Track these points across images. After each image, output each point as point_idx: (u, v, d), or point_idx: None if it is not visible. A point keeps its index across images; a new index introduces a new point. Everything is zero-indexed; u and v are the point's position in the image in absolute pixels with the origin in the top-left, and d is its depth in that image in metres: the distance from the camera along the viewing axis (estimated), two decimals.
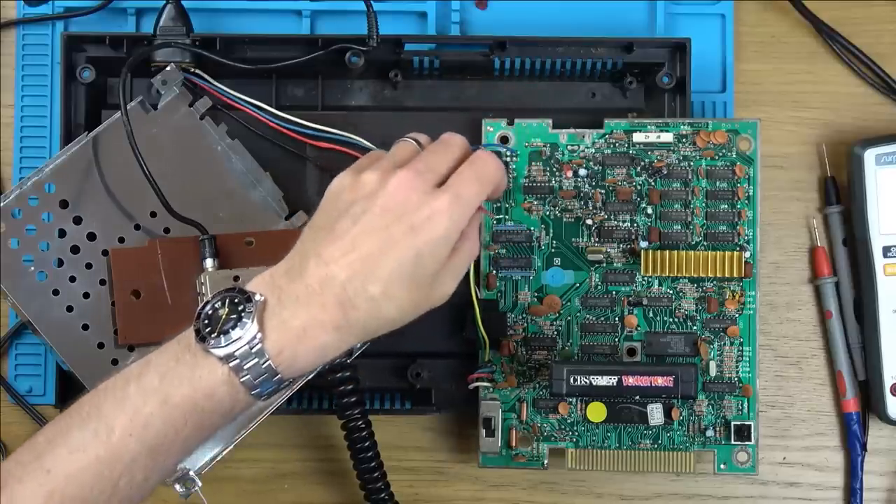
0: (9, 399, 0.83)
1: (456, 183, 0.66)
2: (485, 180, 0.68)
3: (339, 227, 0.65)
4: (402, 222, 0.64)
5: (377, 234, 0.64)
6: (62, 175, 0.78)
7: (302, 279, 0.64)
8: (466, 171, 0.67)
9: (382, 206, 0.65)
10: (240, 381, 0.63)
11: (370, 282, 0.64)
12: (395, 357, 0.81)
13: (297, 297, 0.64)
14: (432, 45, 0.82)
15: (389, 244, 0.64)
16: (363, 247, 0.64)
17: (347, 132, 0.80)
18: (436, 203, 0.65)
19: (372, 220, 0.64)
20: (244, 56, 0.81)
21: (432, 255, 0.65)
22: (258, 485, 0.84)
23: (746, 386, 0.79)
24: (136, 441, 0.62)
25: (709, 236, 0.79)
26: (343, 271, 0.64)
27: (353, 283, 0.64)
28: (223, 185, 0.79)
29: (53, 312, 0.77)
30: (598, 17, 0.85)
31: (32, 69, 0.85)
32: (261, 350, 0.63)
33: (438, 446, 0.85)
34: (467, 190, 0.66)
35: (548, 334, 0.79)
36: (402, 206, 0.65)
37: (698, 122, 0.79)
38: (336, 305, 0.64)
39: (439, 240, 0.65)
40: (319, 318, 0.64)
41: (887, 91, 0.85)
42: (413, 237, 0.64)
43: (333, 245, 0.64)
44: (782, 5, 0.86)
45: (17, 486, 0.61)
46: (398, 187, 0.65)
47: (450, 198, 0.65)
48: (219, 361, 0.63)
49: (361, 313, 0.64)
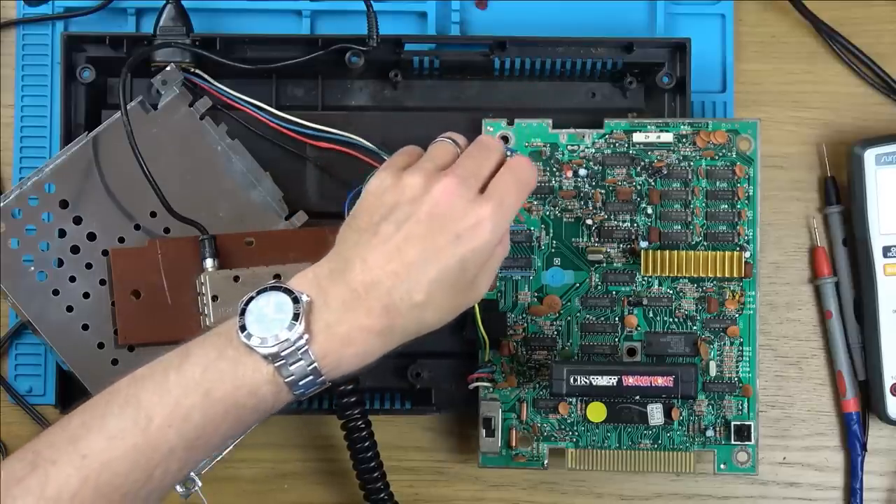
0: (9, 399, 0.83)
1: (498, 190, 0.66)
2: (523, 185, 0.68)
3: (383, 231, 0.65)
4: (447, 230, 0.64)
5: (422, 242, 0.64)
6: (62, 175, 0.78)
7: (347, 283, 0.64)
8: (508, 177, 0.67)
9: (428, 213, 0.65)
10: (284, 381, 0.63)
11: (415, 289, 0.64)
12: (395, 357, 0.80)
13: (342, 301, 0.64)
14: (432, 45, 0.82)
15: (434, 252, 0.64)
16: (408, 254, 0.64)
17: (347, 132, 0.80)
18: (481, 211, 0.65)
19: (417, 227, 0.64)
20: (244, 56, 0.81)
21: (475, 262, 0.65)
22: (258, 485, 0.84)
23: (746, 386, 0.79)
24: (175, 433, 0.62)
25: (709, 236, 0.79)
26: (388, 278, 0.64)
27: (399, 290, 0.64)
28: (223, 185, 0.79)
29: (53, 312, 0.77)
30: (598, 17, 0.85)
31: (32, 69, 0.85)
32: (307, 352, 0.63)
33: (438, 446, 0.85)
34: (509, 197, 0.66)
35: (548, 334, 0.79)
36: (448, 214, 0.65)
37: (698, 122, 0.79)
38: (381, 312, 0.64)
39: (483, 248, 0.65)
40: (365, 323, 0.64)
41: (887, 91, 0.85)
42: (458, 245, 0.64)
43: (378, 250, 0.64)
44: (782, 5, 0.86)
45: (51, 469, 0.61)
46: (443, 194, 0.65)
47: (493, 206, 0.65)
48: (263, 360, 0.63)
49: (405, 320, 0.65)
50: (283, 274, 0.75)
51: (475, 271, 0.66)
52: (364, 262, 0.64)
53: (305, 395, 0.65)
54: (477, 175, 0.67)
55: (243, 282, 0.75)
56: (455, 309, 0.67)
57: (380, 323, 0.64)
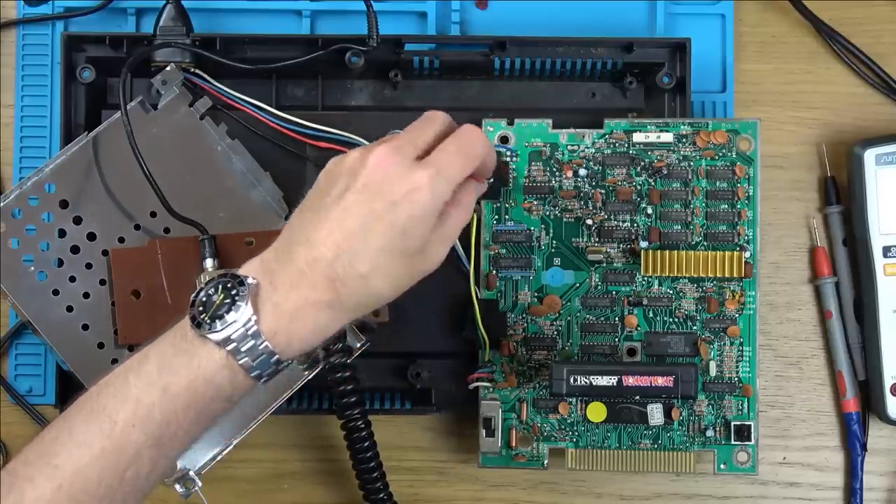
0: (9, 399, 0.83)
1: (437, 156, 0.66)
2: (468, 153, 0.68)
3: (325, 206, 0.65)
4: (383, 198, 0.65)
5: (359, 212, 0.64)
6: (62, 175, 0.78)
7: (292, 262, 0.65)
8: (449, 145, 0.67)
9: (363, 183, 0.65)
10: (238, 363, 0.64)
11: (357, 259, 0.64)
12: (395, 357, 0.81)
13: (288, 280, 0.64)
14: (432, 45, 0.82)
15: (372, 221, 0.64)
16: (347, 225, 0.64)
17: (347, 132, 0.80)
18: (415, 177, 0.65)
19: (354, 198, 0.65)
20: (244, 56, 0.81)
21: (417, 229, 0.65)
22: (258, 485, 0.84)
23: (746, 386, 0.79)
24: (140, 432, 0.63)
25: (709, 236, 0.79)
26: (329, 251, 0.64)
27: (341, 261, 0.64)
28: (223, 185, 0.79)
29: (53, 312, 0.77)
30: (598, 17, 0.85)
31: (32, 69, 0.85)
32: (256, 332, 0.63)
33: (438, 446, 0.85)
34: (449, 162, 0.66)
35: (548, 334, 0.79)
36: (382, 182, 0.65)
37: (698, 122, 0.79)
38: (326, 284, 0.64)
39: (422, 214, 0.65)
40: (311, 297, 0.64)
41: (887, 91, 0.85)
42: (395, 212, 0.64)
43: (319, 226, 0.65)
44: (782, 5, 0.86)
45: (26, 485, 0.62)
46: (378, 163, 0.65)
47: (430, 172, 0.65)
48: (216, 346, 0.64)
49: (352, 290, 0.65)
50: None
51: (420, 238, 0.66)
52: (308, 239, 0.65)
53: (264, 377, 0.65)
54: (414, 143, 0.67)
55: None
56: (409, 276, 0.67)
57: (327, 296, 0.64)
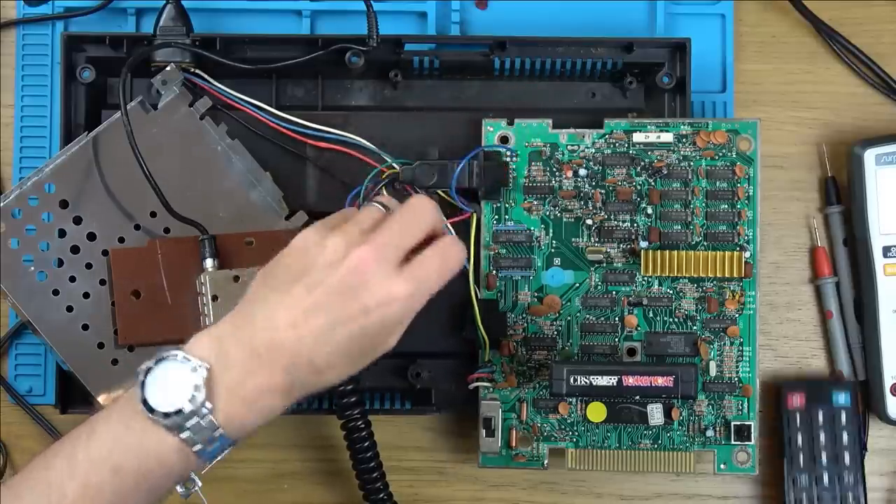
0: (9, 399, 0.83)
1: (418, 272, 0.65)
2: (446, 270, 0.67)
3: (294, 293, 0.64)
4: (357, 301, 0.64)
5: (329, 310, 0.64)
6: (62, 175, 0.78)
7: (249, 342, 0.64)
8: (433, 260, 0.66)
9: (340, 281, 0.64)
10: (192, 450, 0.63)
11: (318, 356, 0.64)
12: (395, 357, 0.80)
13: (243, 362, 0.63)
14: (432, 45, 0.82)
15: (340, 321, 0.64)
16: (314, 321, 0.64)
17: (347, 132, 0.80)
18: (394, 289, 0.64)
19: (328, 294, 0.64)
20: (244, 56, 0.81)
21: (382, 335, 0.65)
22: (258, 485, 0.84)
23: (746, 386, 0.79)
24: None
25: (709, 236, 0.79)
26: (291, 342, 0.64)
27: (301, 354, 0.64)
28: (223, 185, 0.79)
29: (53, 312, 0.77)
30: (598, 17, 0.85)
31: (32, 69, 0.85)
32: (210, 421, 0.63)
33: (438, 446, 0.85)
34: (428, 279, 0.65)
35: (548, 334, 0.79)
36: (359, 287, 0.64)
37: (698, 122, 0.79)
38: (282, 373, 0.64)
39: (391, 324, 0.65)
40: (267, 384, 0.64)
41: (887, 91, 0.85)
42: (366, 318, 0.64)
43: (286, 311, 0.64)
44: (782, 5, 0.86)
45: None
46: (359, 263, 0.64)
47: (409, 288, 0.64)
48: (169, 432, 0.63)
49: (305, 381, 0.65)
50: None
51: (382, 340, 0.66)
52: (269, 320, 0.64)
53: (215, 458, 0.65)
54: (399, 246, 0.65)
55: (243, 282, 0.75)
56: (357, 367, 0.66)
57: (282, 383, 0.64)
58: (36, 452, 0.63)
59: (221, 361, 0.64)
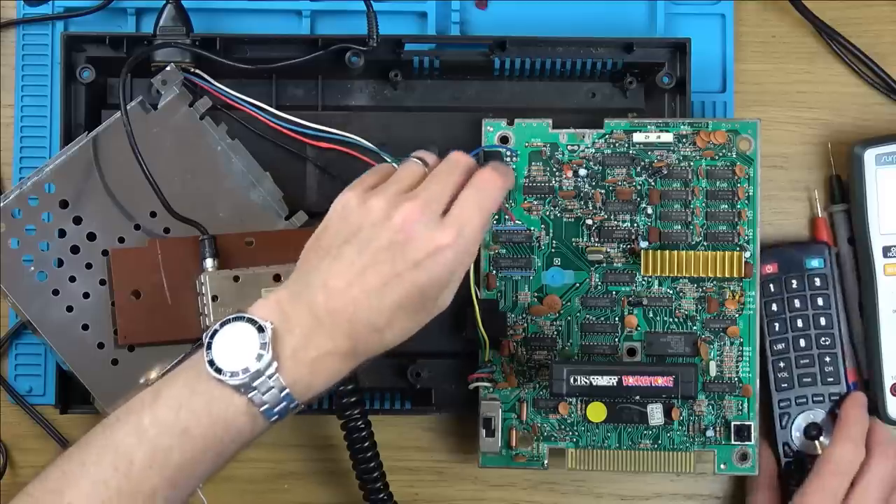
0: (9, 399, 0.83)
1: (459, 216, 0.66)
2: (487, 206, 0.67)
3: (346, 255, 0.65)
4: (407, 258, 0.65)
5: (383, 268, 0.65)
6: (62, 175, 0.78)
7: (309, 307, 0.65)
8: (467, 199, 0.67)
9: (389, 240, 0.65)
10: (259, 410, 0.64)
11: (376, 315, 0.65)
12: (395, 357, 0.81)
13: (306, 326, 0.64)
14: (432, 45, 0.82)
15: (394, 279, 0.65)
16: (369, 280, 0.65)
17: (347, 132, 0.80)
18: (440, 239, 0.65)
19: (378, 254, 0.65)
20: (244, 56, 0.81)
21: (435, 288, 0.66)
22: (258, 485, 0.84)
23: (746, 386, 0.79)
24: (157, 473, 0.63)
25: (709, 236, 0.79)
26: (349, 304, 0.64)
27: (360, 316, 0.65)
28: (223, 185, 0.79)
29: (53, 312, 0.77)
30: (598, 17, 0.85)
31: (32, 69, 0.85)
32: (278, 379, 0.64)
33: (438, 446, 0.85)
34: (471, 218, 0.66)
35: (548, 334, 0.79)
36: (408, 242, 0.65)
37: (698, 122, 0.79)
38: (344, 337, 0.65)
39: (443, 275, 0.66)
40: (329, 348, 0.65)
41: (887, 91, 0.85)
42: (417, 273, 0.65)
43: (340, 274, 0.65)
44: (782, 5, 0.86)
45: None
46: (404, 221, 0.65)
47: (453, 234, 0.65)
48: (236, 392, 0.63)
49: (367, 342, 0.66)
50: (282, 274, 0.75)
51: (436, 294, 0.66)
52: (325, 286, 0.65)
53: (281, 420, 0.65)
54: (440, 199, 0.66)
55: (243, 282, 0.75)
56: (417, 326, 0.67)
57: (344, 346, 0.65)
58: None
59: (285, 324, 0.65)
